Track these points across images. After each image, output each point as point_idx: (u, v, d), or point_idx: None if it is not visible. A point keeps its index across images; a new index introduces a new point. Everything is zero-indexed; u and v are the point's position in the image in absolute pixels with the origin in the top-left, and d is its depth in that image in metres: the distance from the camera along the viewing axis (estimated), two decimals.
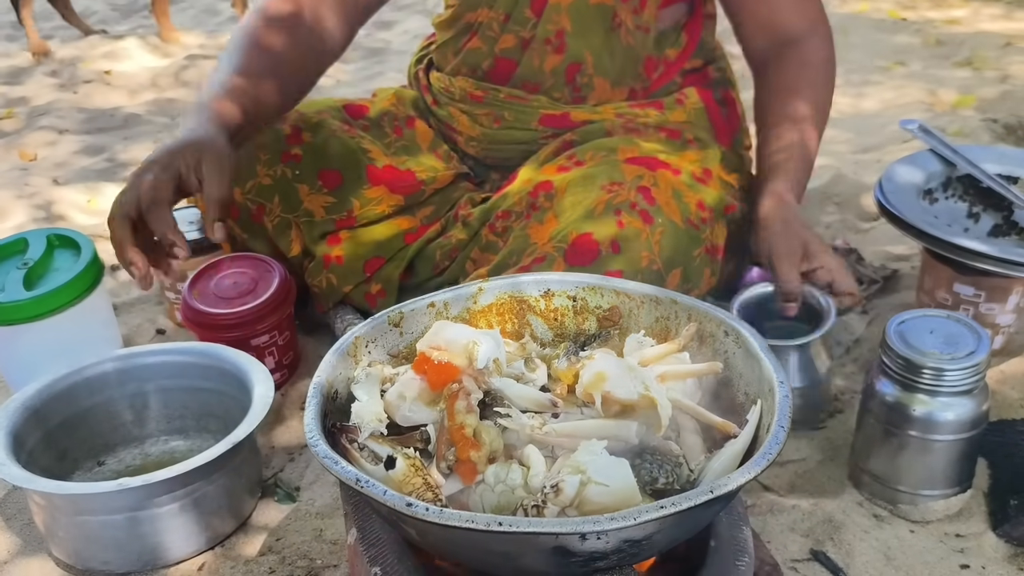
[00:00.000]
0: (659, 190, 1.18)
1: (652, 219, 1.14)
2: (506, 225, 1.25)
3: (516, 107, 1.35)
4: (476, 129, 1.38)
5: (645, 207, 1.15)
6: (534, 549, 0.66)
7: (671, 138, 1.32)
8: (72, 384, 1.16)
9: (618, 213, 1.14)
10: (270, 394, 1.10)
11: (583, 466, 0.69)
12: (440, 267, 1.32)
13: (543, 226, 1.18)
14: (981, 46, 2.73)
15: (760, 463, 0.69)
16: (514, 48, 1.34)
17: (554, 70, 1.34)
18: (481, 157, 1.42)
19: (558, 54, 1.33)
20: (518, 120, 1.35)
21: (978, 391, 1.02)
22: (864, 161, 2.03)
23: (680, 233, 1.17)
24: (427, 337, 0.83)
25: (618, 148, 1.24)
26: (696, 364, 0.84)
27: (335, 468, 0.70)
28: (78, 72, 3.00)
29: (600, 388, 0.76)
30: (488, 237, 1.26)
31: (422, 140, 1.44)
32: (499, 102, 1.36)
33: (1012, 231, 1.37)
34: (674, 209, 1.17)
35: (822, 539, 1.04)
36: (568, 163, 1.25)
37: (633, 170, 1.19)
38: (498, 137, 1.37)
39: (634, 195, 1.15)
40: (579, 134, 1.32)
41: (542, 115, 1.34)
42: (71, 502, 1.01)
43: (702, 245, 1.19)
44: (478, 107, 1.37)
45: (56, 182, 2.16)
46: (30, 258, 1.31)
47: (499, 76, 1.37)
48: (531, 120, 1.35)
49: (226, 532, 1.09)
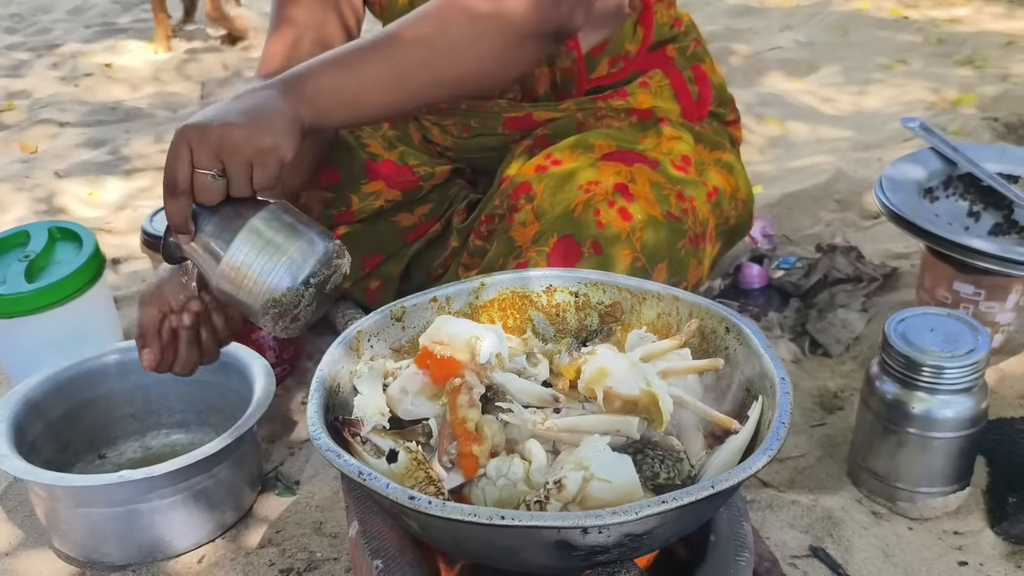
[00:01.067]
0: (637, 186, 1.17)
1: (631, 216, 1.14)
2: (490, 229, 1.25)
3: (479, 114, 1.34)
4: (448, 139, 1.38)
5: (623, 204, 1.14)
6: (536, 543, 0.66)
7: (643, 119, 1.30)
8: (73, 377, 1.17)
9: (597, 213, 1.13)
10: (271, 388, 1.10)
11: (586, 462, 0.69)
12: (434, 274, 1.32)
13: (525, 228, 1.18)
14: (982, 45, 2.73)
15: (761, 459, 0.69)
16: None
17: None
18: (461, 162, 1.42)
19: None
20: (484, 126, 1.34)
21: (977, 389, 1.02)
22: (865, 159, 2.03)
23: (661, 227, 1.16)
24: (430, 332, 0.83)
25: (595, 145, 1.23)
26: (697, 360, 0.85)
27: (338, 461, 0.71)
28: (79, 65, 3.00)
29: (602, 383, 0.76)
30: (475, 242, 1.26)
31: (413, 134, 1.44)
32: (462, 111, 1.34)
33: (1012, 230, 1.38)
34: (653, 203, 1.17)
35: (821, 535, 1.04)
36: (546, 162, 1.24)
37: (610, 167, 1.18)
38: (470, 146, 1.37)
39: (612, 193, 1.15)
40: (551, 128, 1.31)
41: (505, 119, 1.33)
42: (72, 494, 1.01)
43: (685, 236, 1.18)
44: (445, 118, 1.36)
45: (57, 175, 2.16)
46: (32, 251, 1.31)
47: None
48: (496, 125, 1.33)
49: (226, 525, 1.10)
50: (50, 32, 3.40)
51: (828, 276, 1.47)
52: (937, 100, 2.36)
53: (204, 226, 0.84)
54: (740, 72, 2.66)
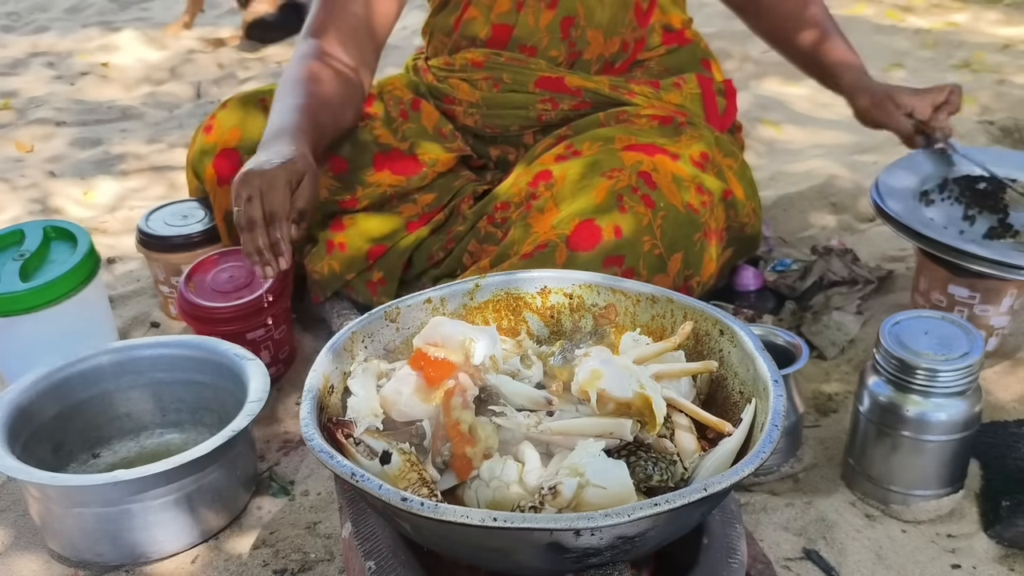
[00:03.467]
0: (659, 175, 1.19)
1: (654, 203, 1.16)
2: (505, 216, 1.26)
3: (514, 69, 1.38)
4: (475, 94, 1.40)
5: (647, 191, 1.16)
6: (529, 545, 0.66)
7: (663, 125, 1.33)
8: (67, 376, 1.16)
9: (620, 199, 1.15)
10: (266, 388, 1.10)
11: (581, 468, 0.69)
12: (435, 258, 1.32)
13: (544, 215, 1.19)
14: (979, 49, 2.73)
15: (753, 462, 0.69)
16: (509, 11, 1.37)
17: (549, 26, 1.37)
18: (480, 127, 1.43)
19: (551, 10, 1.36)
20: (516, 82, 1.37)
21: (971, 392, 1.02)
22: (861, 162, 2.03)
23: (681, 218, 1.17)
24: (424, 333, 0.83)
25: (615, 137, 1.26)
26: (691, 363, 0.85)
27: (330, 462, 0.71)
28: (74, 64, 2.99)
29: (595, 386, 0.76)
30: (487, 229, 1.27)
31: (427, 121, 1.45)
32: (499, 65, 1.38)
33: (1007, 233, 1.38)
34: (675, 193, 1.19)
35: (814, 538, 1.04)
36: (566, 152, 1.27)
37: (632, 156, 1.20)
38: (496, 101, 1.39)
39: (635, 180, 1.17)
40: (573, 128, 1.34)
41: (539, 77, 1.37)
42: (66, 494, 1.01)
43: (701, 230, 1.20)
44: (478, 72, 1.39)
45: (52, 174, 2.16)
46: (26, 250, 1.31)
47: (497, 42, 1.40)
48: (528, 82, 1.37)
49: (220, 525, 1.10)
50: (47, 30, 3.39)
51: (823, 279, 1.48)
52: None
53: None
54: (736, 75, 2.66)
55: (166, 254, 1.46)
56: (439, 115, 1.46)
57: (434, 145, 1.41)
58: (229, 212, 1.42)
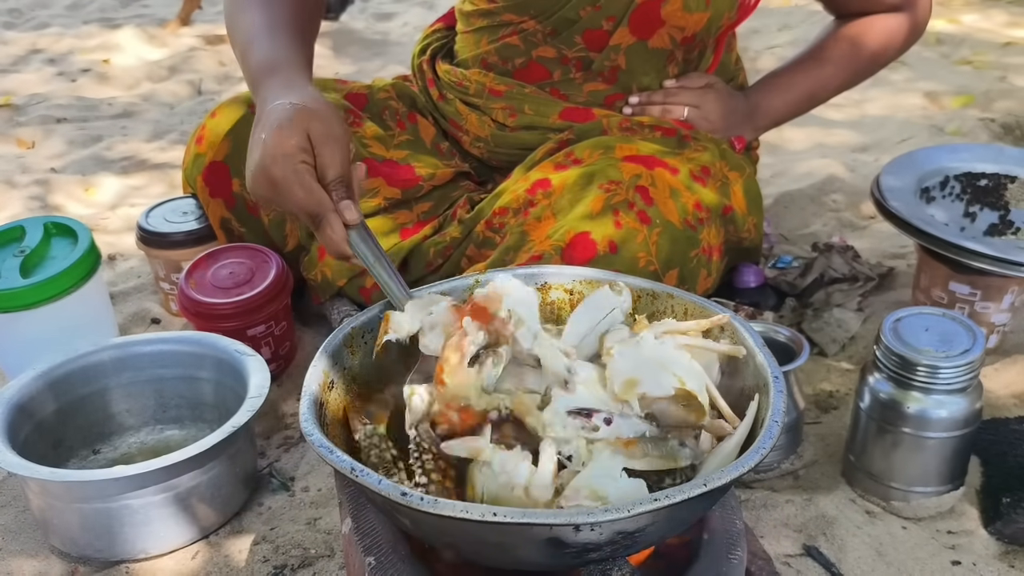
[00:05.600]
0: (657, 190, 1.17)
1: (650, 219, 1.14)
2: (503, 222, 1.24)
3: (538, 101, 1.34)
4: (485, 130, 1.37)
5: (643, 207, 1.15)
6: (528, 540, 0.66)
7: (667, 136, 1.32)
8: (68, 372, 1.16)
9: (616, 213, 1.13)
10: (266, 384, 1.10)
11: (602, 491, 0.69)
12: (433, 264, 1.31)
13: (540, 223, 1.18)
14: (981, 46, 2.73)
15: (753, 457, 0.69)
16: (553, 60, 1.33)
17: (593, 93, 1.35)
18: (485, 159, 1.41)
19: (607, 84, 1.34)
20: (538, 113, 1.34)
21: (972, 389, 1.02)
22: (862, 159, 2.03)
23: (677, 234, 1.16)
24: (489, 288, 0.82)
25: (615, 146, 1.24)
26: (720, 344, 0.84)
27: (330, 457, 0.71)
28: (75, 61, 2.99)
29: (634, 394, 0.76)
30: (484, 234, 1.26)
31: (425, 135, 1.43)
32: (522, 95, 1.35)
33: (1008, 230, 1.38)
34: (671, 209, 1.17)
35: (815, 534, 1.04)
36: (566, 160, 1.25)
37: (631, 169, 1.19)
38: (506, 141, 1.36)
39: (632, 194, 1.15)
40: (576, 132, 1.32)
41: (563, 109, 1.34)
42: (66, 489, 1.01)
43: (699, 246, 1.18)
44: (495, 101, 1.35)
45: (53, 171, 2.16)
46: (27, 246, 1.31)
47: (528, 76, 1.36)
48: (552, 113, 1.33)
49: (220, 521, 1.10)
50: (48, 27, 3.39)
51: (824, 275, 1.48)
52: (935, 101, 2.36)
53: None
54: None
55: (166, 251, 1.46)
56: (436, 131, 1.44)
57: (431, 159, 1.39)
58: (224, 219, 1.41)
